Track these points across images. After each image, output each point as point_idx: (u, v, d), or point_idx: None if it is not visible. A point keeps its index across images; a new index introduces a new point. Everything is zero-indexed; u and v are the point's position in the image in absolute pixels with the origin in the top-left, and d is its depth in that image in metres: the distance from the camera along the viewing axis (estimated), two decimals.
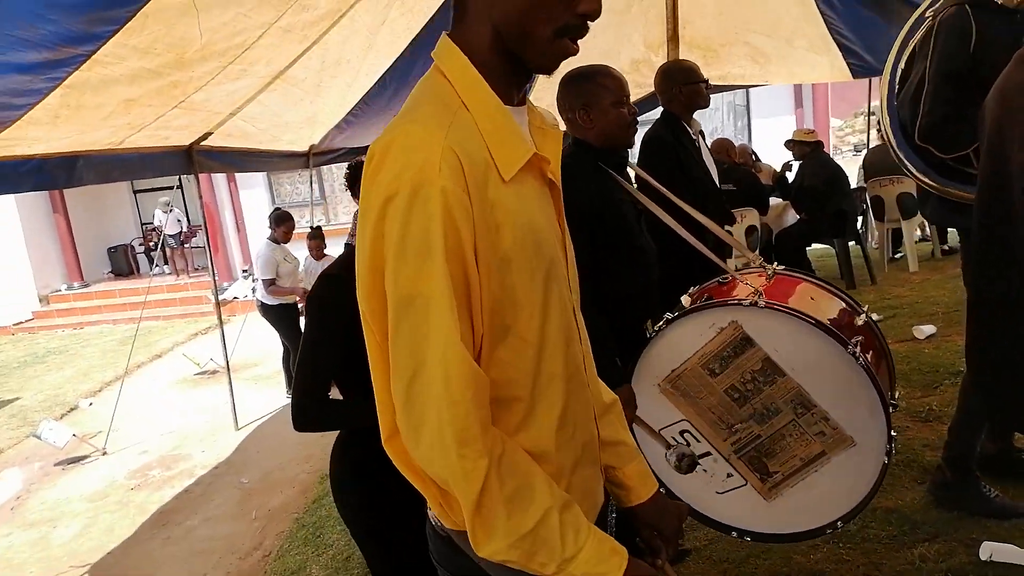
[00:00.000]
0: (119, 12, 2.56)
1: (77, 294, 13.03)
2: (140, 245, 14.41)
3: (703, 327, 2.01)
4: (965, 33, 2.42)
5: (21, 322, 12.64)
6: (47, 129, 3.33)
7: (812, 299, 2.14)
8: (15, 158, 3.54)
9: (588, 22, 0.97)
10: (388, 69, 5.09)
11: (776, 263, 2.31)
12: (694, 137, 3.13)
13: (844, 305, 2.18)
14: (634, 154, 2.75)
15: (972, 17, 2.41)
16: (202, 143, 5.10)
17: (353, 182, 2.03)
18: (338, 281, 1.84)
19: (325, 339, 1.83)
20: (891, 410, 1.92)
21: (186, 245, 13.29)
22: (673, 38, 4.20)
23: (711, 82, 3.22)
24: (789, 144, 7.20)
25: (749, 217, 6.48)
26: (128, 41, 2.79)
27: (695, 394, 2.05)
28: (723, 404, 2.02)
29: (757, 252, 4.23)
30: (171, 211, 12.42)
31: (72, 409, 7.38)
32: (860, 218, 7.71)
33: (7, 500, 5.26)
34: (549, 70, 1.01)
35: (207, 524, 4.34)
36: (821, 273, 5.22)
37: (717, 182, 3.26)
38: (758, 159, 8.54)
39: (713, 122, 12.04)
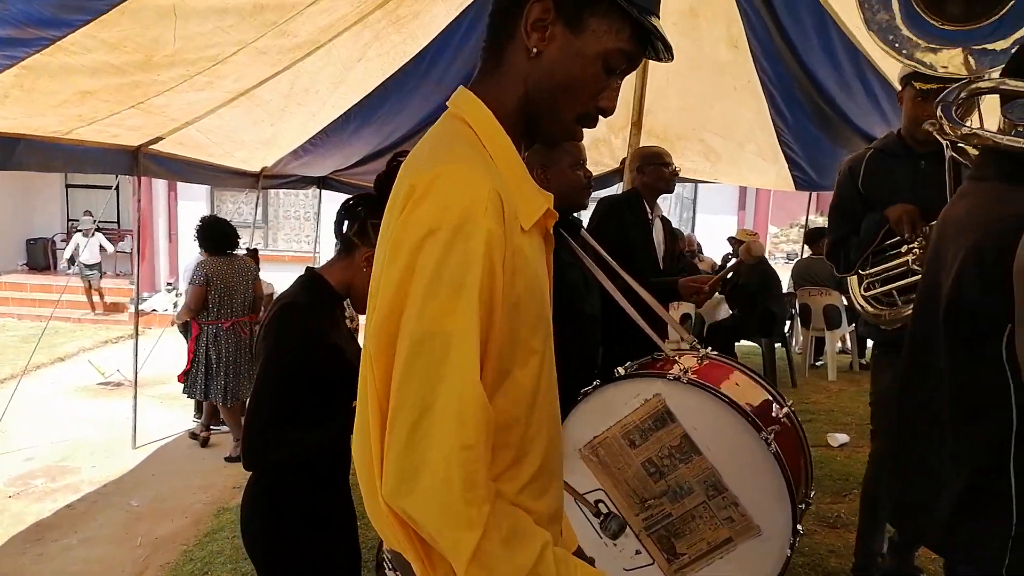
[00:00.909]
0: (96, 3, 2.51)
1: None
2: (63, 241, 13.73)
3: (628, 396, 2.05)
4: (854, 173, 2.78)
5: None
6: None
7: (738, 385, 2.20)
8: None
9: (600, 116, 1.04)
10: (354, 105, 5.11)
11: (710, 349, 2.37)
12: (650, 218, 3.23)
13: (768, 396, 2.25)
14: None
15: (866, 160, 2.77)
16: (151, 146, 4.96)
17: None
18: (297, 310, 1.81)
19: (283, 373, 1.76)
20: (802, 506, 1.96)
21: (114, 248, 12.64)
22: (636, 123, 4.37)
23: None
24: (732, 240, 7.49)
25: (683, 306, 6.64)
26: (98, 34, 2.72)
27: (613, 464, 2.07)
28: (639, 477, 2.04)
29: None
30: (92, 235, 11.00)
31: None
32: (788, 322, 8.02)
33: None
34: (553, 144, 1.08)
35: (86, 544, 4.04)
36: None
37: (661, 266, 3.36)
38: (701, 250, 8.84)
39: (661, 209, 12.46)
